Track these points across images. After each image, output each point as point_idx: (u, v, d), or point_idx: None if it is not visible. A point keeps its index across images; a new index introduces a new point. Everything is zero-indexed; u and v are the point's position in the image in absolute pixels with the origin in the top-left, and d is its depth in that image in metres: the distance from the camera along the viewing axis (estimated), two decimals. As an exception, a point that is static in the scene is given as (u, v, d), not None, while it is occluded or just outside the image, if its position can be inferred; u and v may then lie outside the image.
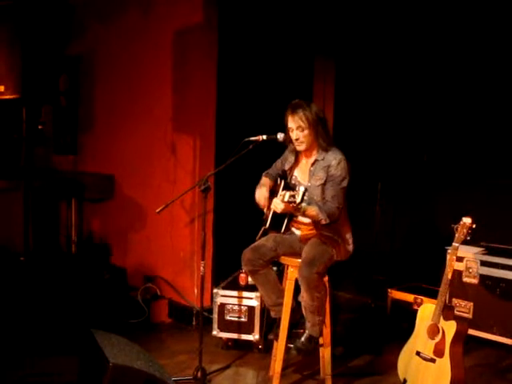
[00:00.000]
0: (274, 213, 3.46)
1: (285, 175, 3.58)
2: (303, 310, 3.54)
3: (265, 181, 3.72)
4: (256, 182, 3.76)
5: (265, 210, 3.60)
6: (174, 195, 3.96)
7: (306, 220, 3.55)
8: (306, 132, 3.45)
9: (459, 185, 5.01)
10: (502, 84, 4.72)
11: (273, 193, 3.56)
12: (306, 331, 3.56)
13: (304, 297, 3.45)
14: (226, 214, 4.78)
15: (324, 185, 3.45)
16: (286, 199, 3.13)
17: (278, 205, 3.32)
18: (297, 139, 3.47)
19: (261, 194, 3.60)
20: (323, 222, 3.38)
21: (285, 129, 3.53)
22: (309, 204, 3.31)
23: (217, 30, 4.66)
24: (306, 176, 3.55)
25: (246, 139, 3.51)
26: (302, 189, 3.14)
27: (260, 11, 4.86)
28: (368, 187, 5.41)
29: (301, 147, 3.50)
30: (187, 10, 4.71)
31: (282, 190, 3.41)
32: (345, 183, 3.45)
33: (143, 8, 5.09)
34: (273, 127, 3.58)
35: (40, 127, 5.54)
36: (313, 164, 3.52)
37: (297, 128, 3.46)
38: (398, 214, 5.35)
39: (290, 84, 5.08)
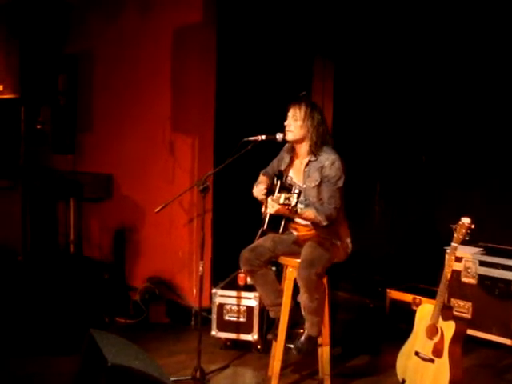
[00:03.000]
0: (271, 214, 3.47)
1: (281, 175, 3.57)
2: (302, 310, 3.53)
3: (262, 178, 3.74)
4: (255, 182, 3.76)
5: (263, 208, 3.60)
6: (172, 195, 3.94)
7: (304, 222, 3.54)
8: (298, 123, 3.46)
9: (458, 185, 5.01)
10: (499, 84, 4.72)
11: (270, 192, 3.56)
12: (306, 331, 3.55)
13: (303, 298, 3.45)
14: (225, 213, 4.78)
15: (319, 186, 3.44)
16: (281, 201, 3.14)
17: (273, 207, 3.32)
18: (287, 125, 3.49)
19: (258, 190, 3.61)
20: (322, 223, 3.38)
21: (283, 129, 3.53)
22: (306, 206, 3.29)
23: (216, 29, 4.66)
24: (301, 177, 3.54)
25: (245, 139, 3.51)
26: (296, 191, 3.13)
27: (259, 11, 4.86)
28: (367, 187, 5.42)
29: (288, 135, 3.51)
30: (186, 9, 4.71)
31: (278, 190, 3.40)
32: (340, 183, 3.43)
33: (142, 7, 5.08)
34: (272, 127, 3.58)
35: (39, 127, 5.53)
36: (307, 165, 3.51)
37: (292, 116, 3.48)
38: (396, 214, 5.36)
39: (290, 83, 5.07)
